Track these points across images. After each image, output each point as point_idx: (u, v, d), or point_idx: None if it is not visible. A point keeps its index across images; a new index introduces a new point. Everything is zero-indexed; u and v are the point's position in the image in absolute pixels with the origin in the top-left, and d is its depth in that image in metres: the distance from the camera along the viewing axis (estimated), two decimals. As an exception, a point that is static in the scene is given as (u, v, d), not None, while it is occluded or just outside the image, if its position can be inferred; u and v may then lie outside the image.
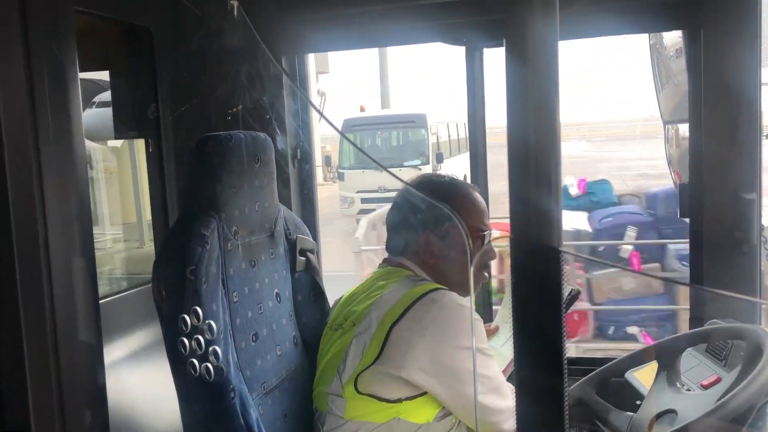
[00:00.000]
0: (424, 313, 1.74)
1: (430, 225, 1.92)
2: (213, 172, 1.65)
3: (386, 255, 2.02)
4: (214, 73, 2.25)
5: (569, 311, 2.06)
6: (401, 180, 2.05)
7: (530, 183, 0.74)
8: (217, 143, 1.67)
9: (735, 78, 2.08)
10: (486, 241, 1.97)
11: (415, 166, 15.40)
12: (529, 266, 0.75)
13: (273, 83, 2.32)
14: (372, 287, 1.91)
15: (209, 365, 1.51)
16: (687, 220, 2.26)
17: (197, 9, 2.12)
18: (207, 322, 1.47)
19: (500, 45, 2.38)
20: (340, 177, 16.82)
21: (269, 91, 2.28)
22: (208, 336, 1.48)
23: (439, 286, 1.84)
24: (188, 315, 1.46)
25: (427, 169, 15.61)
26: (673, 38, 2.62)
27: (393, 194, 2.04)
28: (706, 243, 2.19)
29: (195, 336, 1.47)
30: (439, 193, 1.95)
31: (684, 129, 2.34)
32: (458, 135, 19.48)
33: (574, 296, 2.08)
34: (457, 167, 18.86)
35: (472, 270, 1.97)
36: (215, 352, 1.52)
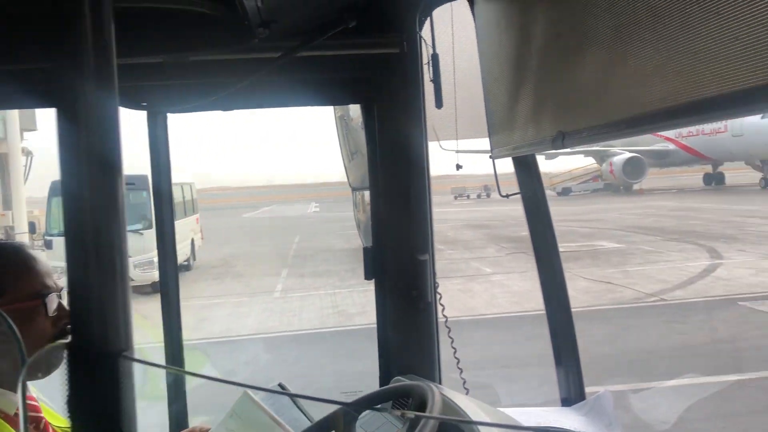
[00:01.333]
0: None
1: None
2: None
3: None
4: None
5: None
6: None
7: (91, 275, 0.63)
8: None
9: (406, 147, 2.26)
10: (51, 309, 1.55)
11: (136, 231, 14.46)
12: (87, 375, 0.64)
13: None
14: None
15: None
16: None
17: None
18: None
19: (186, 111, 2.30)
20: (48, 245, 15.10)
21: None
22: None
23: None
24: None
25: (151, 234, 14.72)
26: (359, 110, 2.78)
27: None
28: (390, 302, 2.30)
29: None
30: None
31: (368, 195, 2.47)
32: (187, 197, 18.89)
33: None
34: (186, 230, 18.18)
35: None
36: None
